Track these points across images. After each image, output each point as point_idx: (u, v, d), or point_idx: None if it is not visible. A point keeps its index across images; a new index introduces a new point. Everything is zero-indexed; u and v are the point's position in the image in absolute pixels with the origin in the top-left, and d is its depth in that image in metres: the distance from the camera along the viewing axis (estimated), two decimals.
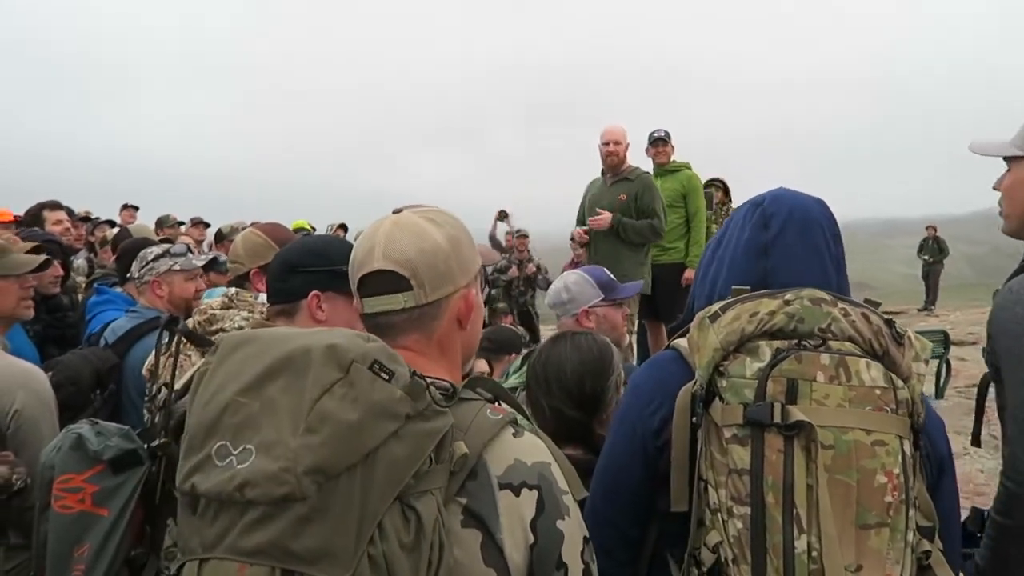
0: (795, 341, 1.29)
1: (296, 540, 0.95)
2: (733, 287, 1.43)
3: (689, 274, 6.18)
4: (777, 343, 1.29)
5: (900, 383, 1.28)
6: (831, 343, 1.29)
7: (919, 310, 16.69)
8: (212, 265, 3.33)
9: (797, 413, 1.21)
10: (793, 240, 1.49)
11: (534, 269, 10.33)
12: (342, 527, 0.96)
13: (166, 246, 3.20)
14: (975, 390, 1.95)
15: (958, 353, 8.19)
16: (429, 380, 1.09)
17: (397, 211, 1.32)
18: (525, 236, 10.46)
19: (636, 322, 5.99)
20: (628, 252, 5.65)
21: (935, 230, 18.43)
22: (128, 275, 3.28)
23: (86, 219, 7.25)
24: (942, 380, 7.53)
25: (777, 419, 1.22)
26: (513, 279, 10.26)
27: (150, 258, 3.12)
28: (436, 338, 1.27)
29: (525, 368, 2.65)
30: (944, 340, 7.40)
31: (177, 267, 3.10)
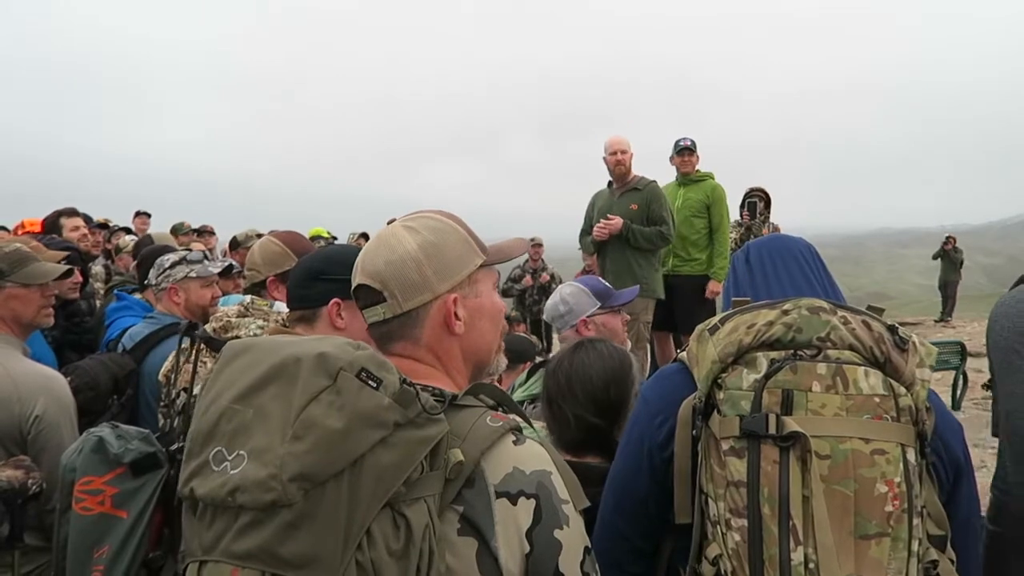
0: (792, 351, 1.29)
1: (283, 545, 0.98)
2: (733, 299, 1.48)
3: (713, 286, 6.15)
4: (773, 354, 1.29)
5: (902, 390, 1.27)
6: (829, 352, 1.29)
7: (936, 321, 16.56)
8: (228, 272, 3.35)
9: (792, 424, 1.21)
10: (772, 264, 1.60)
11: (548, 278, 10.32)
12: (329, 533, 0.97)
13: (183, 253, 3.23)
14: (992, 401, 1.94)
15: (975, 364, 8.08)
16: (421, 387, 1.09)
17: (390, 222, 1.33)
18: (539, 245, 10.46)
19: (649, 331, 5.98)
20: (640, 259, 5.67)
21: (954, 241, 18.22)
22: (146, 282, 3.32)
23: (103, 226, 7.33)
24: (959, 391, 7.45)
25: (772, 430, 1.22)
26: (527, 288, 10.26)
27: (167, 265, 3.15)
28: (424, 345, 1.27)
29: (532, 382, 2.65)
30: (961, 351, 7.32)
31: (193, 274, 3.12)
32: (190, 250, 3.51)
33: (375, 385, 1.03)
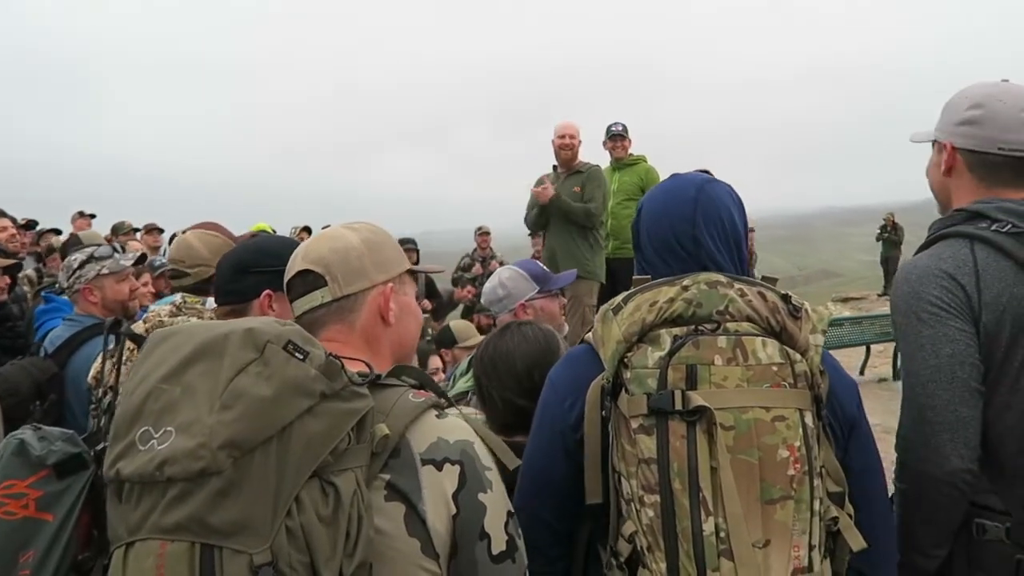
0: (693, 327, 1.31)
1: (213, 514, 0.98)
2: (634, 277, 1.48)
3: None
4: (676, 330, 1.31)
5: (798, 357, 1.31)
6: (728, 324, 1.32)
7: (879, 295, 17.08)
8: (141, 261, 3.20)
9: (697, 398, 1.24)
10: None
11: (497, 265, 10.32)
12: (258, 500, 0.99)
13: (89, 250, 3.08)
14: None
15: None
16: (345, 361, 1.12)
17: (326, 227, 1.39)
18: (487, 233, 10.47)
19: (594, 315, 6.05)
20: (580, 240, 5.80)
21: (893, 219, 18.87)
22: (56, 285, 3.19)
23: (30, 226, 7.00)
24: (899, 363, 7.70)
25: (679, 406, 1.25)
26: (477, 276, 10.26)
27: (75, 266, 3.00)
28: (358, 330, 1.35)
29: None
30: None
31: (105, 271, 2.99)
32: (124, 249, 3.40)
33: (301, 357, 1.06)
